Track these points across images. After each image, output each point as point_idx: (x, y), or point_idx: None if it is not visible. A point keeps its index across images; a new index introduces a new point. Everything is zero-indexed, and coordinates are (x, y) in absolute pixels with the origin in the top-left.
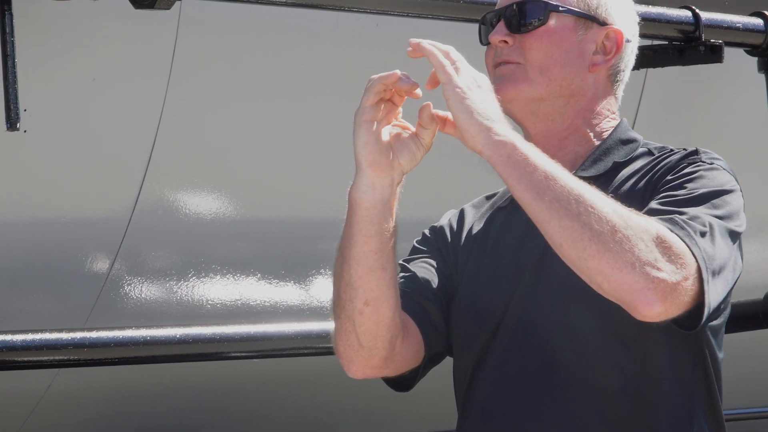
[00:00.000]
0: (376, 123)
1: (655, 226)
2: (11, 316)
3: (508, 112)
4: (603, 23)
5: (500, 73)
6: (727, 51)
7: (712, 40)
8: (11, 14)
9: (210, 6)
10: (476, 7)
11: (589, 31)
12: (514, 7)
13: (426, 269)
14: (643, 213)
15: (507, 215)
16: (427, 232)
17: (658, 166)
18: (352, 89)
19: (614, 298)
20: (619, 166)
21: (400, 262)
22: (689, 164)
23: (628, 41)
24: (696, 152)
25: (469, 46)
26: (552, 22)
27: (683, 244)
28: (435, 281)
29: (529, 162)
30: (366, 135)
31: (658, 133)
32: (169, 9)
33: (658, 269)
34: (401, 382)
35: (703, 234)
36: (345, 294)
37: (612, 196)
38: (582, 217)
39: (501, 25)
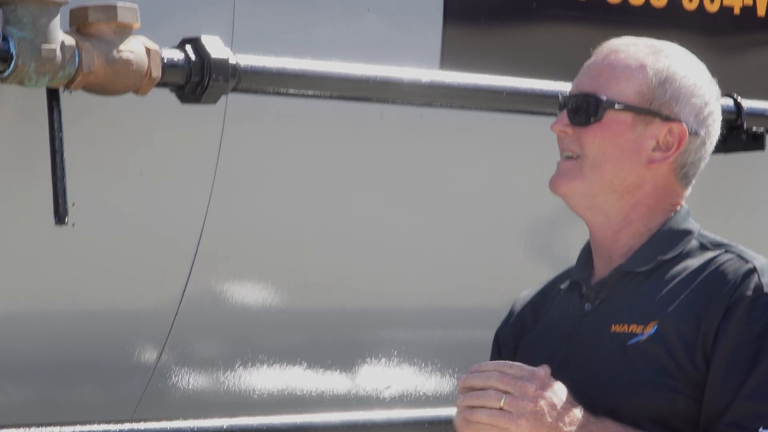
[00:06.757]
0: None
1: None
2: (60, 407)
3: (567, 203)
4: (667, 118)
5: (559, 167)
6: None
7: (754, 128)
8: (60, 110)
9: (256, 99)
10: (519, 98)
11: (649, 127)
12: (578, 98)
13: None
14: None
15: (562, 298)
16: (497, 332)
17: (715, 290)
18: (396, 178)
19: None
20: (665, 263)
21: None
22: (755, 320)
23: (695, 134)
24: (761, 292)
25: (517, 136)
26: (608, 118)
27: None
28: None
29: None
30: None
31: (699, 220)
32: (215, 103)
33: None
34: None
35: None
36: None
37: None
38: None
39: (564, 115)
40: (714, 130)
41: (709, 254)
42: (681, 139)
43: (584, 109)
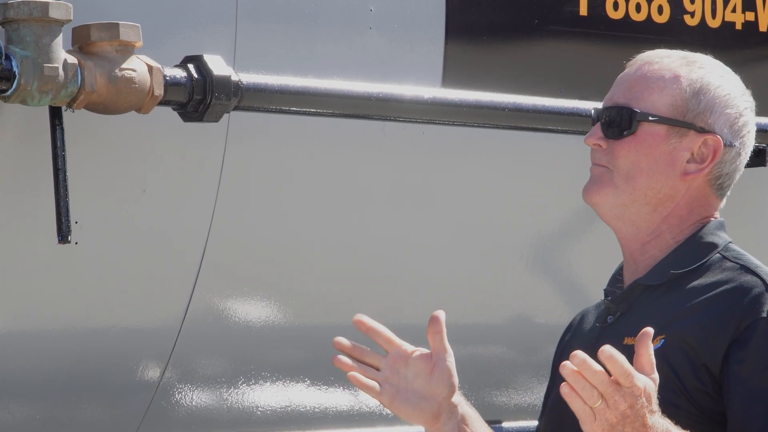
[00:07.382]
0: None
1: None
2: (63, 425)
3: (597, 213)
4: (701, 130)
5: (591, 174)
6: None
7: (756, 144)
8: (62, 128)
9: (258, 117)
10: (521, 116)
11: (683, 139)
12: (611, 111)
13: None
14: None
15: (592, 312)
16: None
17: (726, 307)
18: (399, 195)
19: None
20: (682, 277)
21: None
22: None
23: (730, 145)
24: None
25: (519, 153)
26: (642, 130)
27: None
28: None
29: None
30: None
31: None
32: (217, 122)
33: None
34: None
35: None
36: None
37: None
38: None
39: (597, 128)
40: (748, 141)
41: (727, 270)
42: (716, 150)
43: (617, 122)
